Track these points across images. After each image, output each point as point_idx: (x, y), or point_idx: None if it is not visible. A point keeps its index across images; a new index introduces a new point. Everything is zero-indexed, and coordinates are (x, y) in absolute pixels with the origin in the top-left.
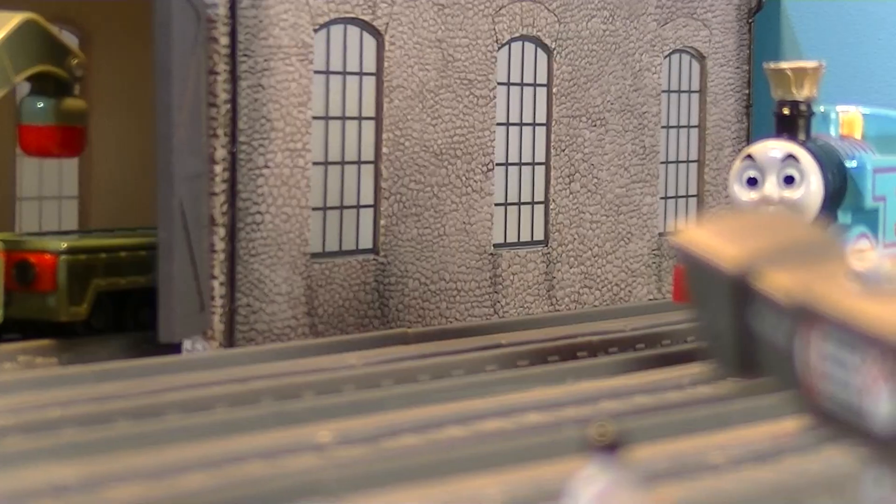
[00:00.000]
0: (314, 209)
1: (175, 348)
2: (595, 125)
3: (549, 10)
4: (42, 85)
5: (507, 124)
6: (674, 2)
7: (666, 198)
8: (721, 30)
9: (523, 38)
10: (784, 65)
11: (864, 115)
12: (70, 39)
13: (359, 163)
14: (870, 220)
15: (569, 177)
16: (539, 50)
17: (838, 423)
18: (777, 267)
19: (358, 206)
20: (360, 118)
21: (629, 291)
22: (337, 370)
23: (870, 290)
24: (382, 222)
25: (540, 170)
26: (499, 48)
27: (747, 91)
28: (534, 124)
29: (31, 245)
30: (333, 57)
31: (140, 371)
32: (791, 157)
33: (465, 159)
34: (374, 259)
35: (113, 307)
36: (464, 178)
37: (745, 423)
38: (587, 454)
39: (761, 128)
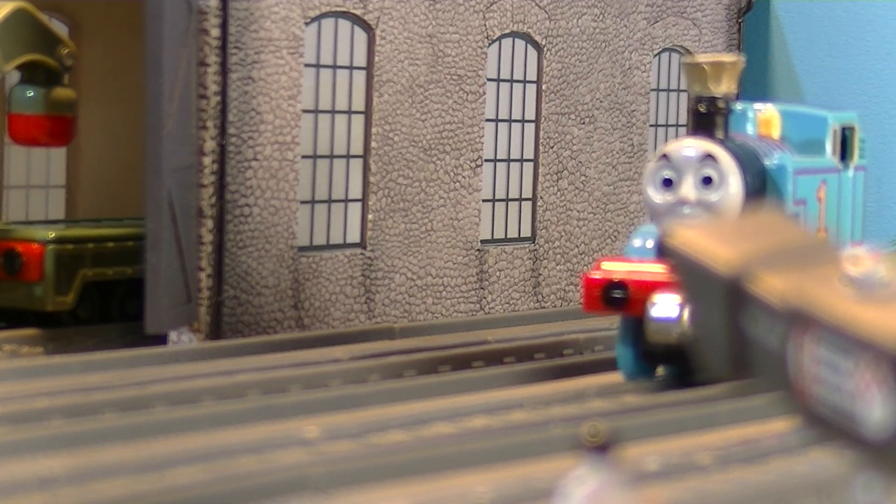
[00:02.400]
0: (302, 202)
1: (161, 340)
2: (584, 123)
3: (539, 6)
4: (32, 74)
5: (497, 120)
6: (664, 0)
7: None
8: (711, 29)
9: (514, 34)
10: (701, 58)
11: (781, 113)
12: (60, 29)
13: (347, 157)
14: None
15: (557, 174)
16: (529, 46)
17: (830, 427)
18: (771, 270)
19: (346, 201)
20: (349, 112)
21: None
22: (323, 364)
23: (864, 294)
24: (370, 217)
25: (528, 166)
26: (489, 44)
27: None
28: (523, 121)
29: (19, 234)
30: (324, 50)
31: (126, 362)
32: (709, 156)
33: (454, 155)
34: (361, 253)
35: (99, 297)
36: (452, 174)
37: (734, 424)
38: (578, 454)
39: None
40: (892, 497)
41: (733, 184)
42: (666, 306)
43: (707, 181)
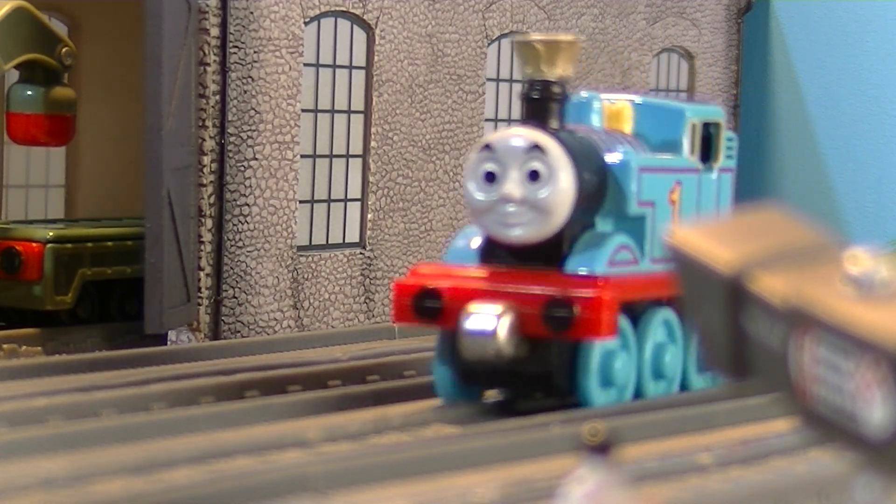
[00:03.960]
0: (301, 202)
1: (160, 339)
2: None
3: (539, 6)
4: (31, 73)
5: (496, 120)
6: (664, 1)
7: None
8: (710, 29)
9: (513, 34)
10: (534, 37)
11: (634, 105)
12: (59, 28)
13: (347, 156)
14: (634, 229)
15: None
16: None
17: (830, 427)
18: (771, 269)
19: (345, 200)
20: (349, 112)
21: None
22: (322, 364)
23: (865, 294)
24: (369, 216)
25: None
26: (488, 44)
27: (735, 91)
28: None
29: (18, 233)
30: (323, 50)
31: (125, 361)
32: (536, 147)
33: (454, 154)
34: (360, 253)
35: (99, 297)
36: (451, 174)
37: (734, 424)
38: (578, 454)
39: (748, 128)
40: (892, 497)
41: (563, 179)
42: (481, 318)
43: (534, 176)
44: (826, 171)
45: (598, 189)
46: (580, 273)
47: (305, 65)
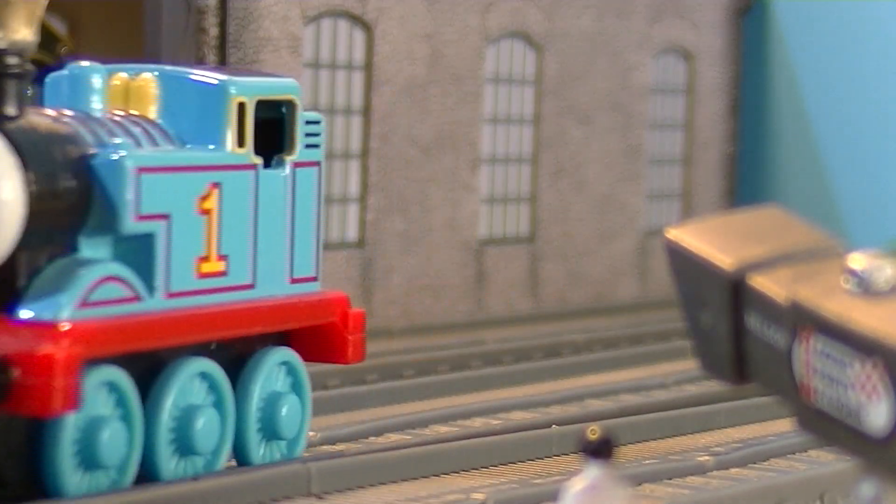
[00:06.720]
0: None
1: None
2: (582, 123)
3: (538, 7)
4: None
5: (495, 120)
6: (663, 1)
7: (651, 196)
8: (710, 29)
9: (512, 34)
10: None
11: (160, 79)
12: (59, 27)
13: (346, 156)
14: (139, 253)
15: (555, 174)
16: (528, 47)
17: (832, 425)
18: (773, 269)
19: (345, 200)
20: (348, 111)
21: (613, 290)
22: (322, 364)
23: (865, 294)
24: (369, 216)
25: (527, 166)
26: (488, 44)
27: (734, 91)
28: (521, 121)
29: None
30: (323, 50)
31: None
32: None
33: (453, 154)
34: (359, 253)
35: None
36: (451, 174)
37: (734, 424)
38: (578, 455)
39: (747, 128)
40: (892, 497)
41: (5, 188)
42: None
43: None
44: (826, 170)
45: (76, 200)
46: (31, 320)
47: (305, 65)
